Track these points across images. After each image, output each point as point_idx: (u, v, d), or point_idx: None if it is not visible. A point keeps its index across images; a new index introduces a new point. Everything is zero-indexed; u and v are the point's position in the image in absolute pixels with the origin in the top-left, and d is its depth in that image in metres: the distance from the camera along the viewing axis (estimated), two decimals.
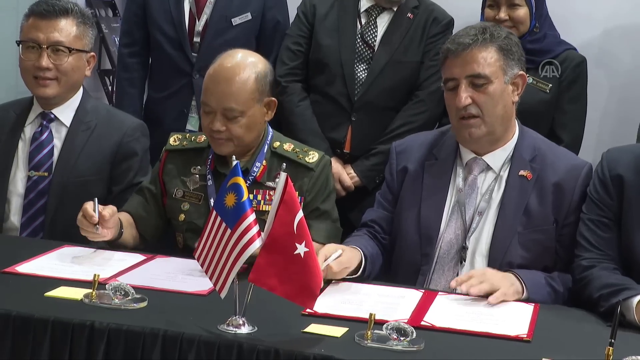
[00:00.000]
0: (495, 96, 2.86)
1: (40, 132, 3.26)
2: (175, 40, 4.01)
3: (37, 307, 2.38)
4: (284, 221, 2.27)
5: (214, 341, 2.27)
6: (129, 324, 2.32)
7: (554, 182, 2.90)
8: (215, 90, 2.99)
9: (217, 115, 2.98)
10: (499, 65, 2.87)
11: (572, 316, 2.68)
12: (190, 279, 2.69)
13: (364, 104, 3.85)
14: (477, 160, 2.95)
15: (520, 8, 3.63)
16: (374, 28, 3.89)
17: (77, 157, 3.25)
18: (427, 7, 3.92)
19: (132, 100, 4.06)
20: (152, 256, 2.93)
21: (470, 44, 2.86)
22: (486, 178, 2.95)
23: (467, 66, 2.86)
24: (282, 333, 2.33)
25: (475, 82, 2.85)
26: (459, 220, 2.93)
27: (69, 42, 3.22)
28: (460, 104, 2.84)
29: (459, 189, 2.94)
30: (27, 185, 3.23)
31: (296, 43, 3.94)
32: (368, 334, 2.30)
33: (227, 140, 3.00)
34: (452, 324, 2.46)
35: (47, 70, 3.19)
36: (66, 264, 2.79)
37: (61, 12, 3.22)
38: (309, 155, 3.10)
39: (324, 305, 2.50)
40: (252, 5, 4.02)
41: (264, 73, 3.03)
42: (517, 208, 2.89)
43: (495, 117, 2.88)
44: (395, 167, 3.07)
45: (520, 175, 2.91)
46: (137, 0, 4.09)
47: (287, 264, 2.28)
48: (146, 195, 3.17)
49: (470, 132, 2.88)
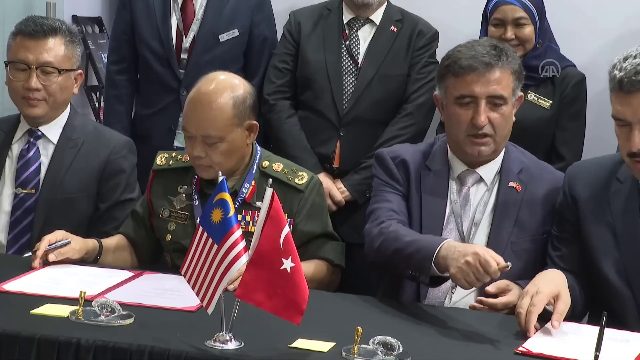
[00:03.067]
0: (507, 117, 2.88)
1: (27, 150, 3.25)
2: (162, 57, 4.01)
3: (23, 325, 2.37)
4: (270, 236, 2.26)
5: (200, 357, 2.26)
6: (115, 340, 2.30)
7: (542, 194, 2.92)
8: (194, 117, 2.97)
9: (197, 141, 2.96)
10: (512, 87, 2.87)
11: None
12: (179, 295, 2.67)
13: (352, 118, 3.87)
14: (470, 172, 2.95)
15: (527, 26, 3.64)
16: (357, 41, 3.91)
17: (64, 175, 3.24)
18: (411, 20, 3.94)
19: (120, 117, 4.06)
20: (140, 273, 2.91)
21: (494, 65, 2.83)
22: (478, 190, 2.95)
23: (490, 86, 2.83)
24: (269, 348, 2.32)
25: (495, 102, 2.84)
26: (454, 232, 2.92)
27: (58, 62, 3.19)
28: (481, 124, 2.82)
29: (453, 201, 2.94)
30: (14, 202, 3.21)
31: (283, 61, 3.96)
32: (355, 348, 2.29)
33: (207, 166, 2.98)
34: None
35: (36, 91, 3.16)
36: (53, 281, 2.76)
37: (49, 32, 3.19)
38: (299, 176, 3.08)
39: (543, 344, 2.40)
40: (240, 22, 4.03)
41: (242, 98, 2.99)
42: (509, 219, 2.89)
43: (504, 137, 2.91)
44: (394, 165, 3.00)
45: (510, 186, 2.92)
46: (125, 17, 4.09)
47: (273, 279, 2.27)
48: (137, 218, 3.18)
49: (480, 150, 2.88)
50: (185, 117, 3.02)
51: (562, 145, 3.73)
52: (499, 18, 3.65)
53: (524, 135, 3.53)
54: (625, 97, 2.53)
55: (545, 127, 3.68)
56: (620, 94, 2.55)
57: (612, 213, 2.71)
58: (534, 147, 3.34)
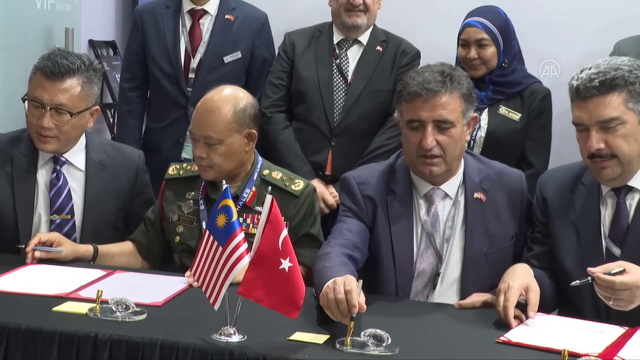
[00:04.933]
0: (457, 138, 2.77)
1: (56, 178, 3.09)
2: (172, 76, 4.00)
3: (45, 321, 2.35)
4: (270, 239, 2.26)
5: (207, 349, 2.25)
6: (129, 335, 2.29)
7: (504, 199, 2.85)
8: (198, 120, 3.00)
9: (200, 143, 2.98)
10: (461, 110, 2.77)
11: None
12: (147, 291, 2.63)
13: (343, 129, 3.85)
14: (436, 190, 2.85)
15: (488, 47, 3.61)
16: (346, 60, 3.90)
17: (102, 199, 3.14)
18: (395, 40, 3.94)
19: (132, 131, 4.04)
20: (112, 271, 2.86)
21: (439, 91, 2.73)
22: (445, 206, 2.85)
23: (435, 111, 2.73)
24: (269, 341, 2.30)
25: (441, 126, 2.75)
26: (430, 250, 2.82)
27: (72, 105, 2.98)
28: (427, 147, 2.74)
29: (423, 220, 2.84)
30: (51, 229, 3.07)
31: (278, 78, 3.94)
32: (347, 340, 2.27)
33: (208, 167, 2.99)
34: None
35: (48, 129, 3.00)
36: (33, 280, 2.70)
37: (67, 73, 2.98)
38: (295, 183, 3.07)
39: (521, 334, 2.38)
40: (242, 45, 4.02)
41: (243, 107, 3.00)
42: (480, 231, 2.81)
43: (455, 157, 2.80)
44: (360, 197, 2.88)
45: (475, 198, 2.83)
46: (137, 39, 4.07)
47: (273, 278, 2.26)
48: (147, 224, 3.16)
49: (431, 170, 2.78)
50: (192, 121, 3.04)
51: (532, 154, 3.69)
52: (464, 39, 3.64)
53: (497, 146, 3.53)
54: (582, 103, 2.55)
55: (516, 138, 3.65)
56: (577, 101, 2.57)
57: (576, 213, 2.70)
58: (507, 155, 3.34)
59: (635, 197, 2.62)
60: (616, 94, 2.51)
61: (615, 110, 2.52)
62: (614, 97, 2.51)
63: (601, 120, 2.52)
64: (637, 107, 2.53)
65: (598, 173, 2.61)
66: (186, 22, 4.02)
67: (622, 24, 4.02)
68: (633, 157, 2.57)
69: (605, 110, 2.52)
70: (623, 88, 2.52)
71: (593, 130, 2.54)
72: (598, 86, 2.51)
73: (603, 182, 2.64)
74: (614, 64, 2.55)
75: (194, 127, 3.01)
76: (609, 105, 2.52)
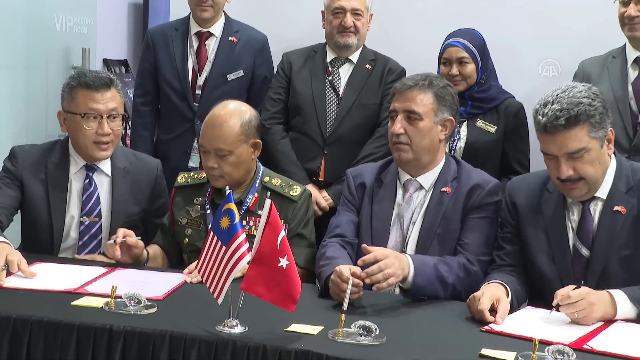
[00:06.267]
0: (424, 131, 2.89)
1: (89, 184, 3.10)
2: (180, 92, 3.99)
3: (65, 315, 2.35)
4: (269, 239, 2.27)
5: (212, 340, 2.25)
6: (142, 327, 2.29)
7: (466, 190, 2.91)
8: (208, 134, 3.00)
9: (211, 155, 2.99)
10: (432, 108, 2.90)
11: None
12: (147, 286, 2.63)
13: (335, 139, 3.85)
14: (412, 180, 2.96)
15: (468, 65, 3.61)
16: (338, 77, 3.90)
17: (125, 201, 3.14)
18: (383, 59, 3.94)
19: (145, 141, 4.04)
20: (113, 268, 2.86)
21: (412, 86, 2.91)
22: (419, 195, 2.95)
23: (406, 103, 2.90)
24: (268, 332, 2.30)
25: (410, 117, 2.89)
26: (398, 230, 2.92)
27: (120, 109, 3.07)
28: (393, 132, 2.90)
29: (399, 204, 2.94)
30: (81, 229, 3.08)
31: (277, 93, 3.95)
32: (339, 331, 2.27)
33: (219, 176, 3.00)
34: (613, 349, 2.24)
35: (107, 136, 3.03)
36: (41, 277, 2.69)
37: (109, 83, 3.04)
38: (293, 189, 3.08)
39: (504, 324, 2.42)
40: (244, 64, 4.02)
41: (248, 119, 3.02)
42: (437, 215, 2.88)
43: (421, 147, 2.90)
44: (354, 186, 3.03)
45: (442, 190, 2.91)
46: (149, 59, 4.07)
47: (272, 275, 2.26)
48: (164, 230, 3.16)
49: (400, 155, 2.92)
50: (201, 135, 3.04)
51: (516, 163, 3.67)
52: (446, 58, 3.64)
53: (475, 155, 3.53)
54: (550, 137, 2.58)
55: (492, 148, 3.64)
56: (545, 135, 2.60)
57: (544, 217, 2.73)
58: (484, 164, 3.33)
59: (598, 203, 2.67)
60: (579, 127, 2.55)
61: (580, 142, 2.55)
62: (578, 130, 2.55)
63: (569, 152, 2.56)
64: (598, 135, 2.58)
65: (568, 193, 2.66)
66: (193, 43, 4.02)
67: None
68: (598, 177, 2.63)
69: (573, 143, 2.55)
70: (585, 121, 2.55)
71: (562, 160, 2.58)
72: (564, 123, 2.54)
73: (573, 199, 2.68)
74: (575, 97, 2.57)
75: (204, 140, 3.00)
76: (574, 138, 2.55)
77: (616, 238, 2.62)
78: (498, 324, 2.43)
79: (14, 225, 3.13)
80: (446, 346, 2.29)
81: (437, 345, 2.29)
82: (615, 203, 2.63)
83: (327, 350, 2.18)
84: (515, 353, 2.19)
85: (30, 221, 3.09)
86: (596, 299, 2.45)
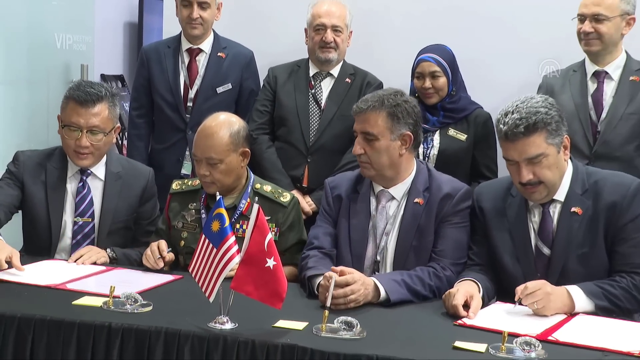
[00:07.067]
0: (381, 150, 2.85)
1: (82, 187, 3.12)
2: (173, 104, 4.00)
3: (66, 313, 2.36)
4: (257, 241, 2.27)
5: (204, 335, 2.25)
6: (138, 324, 2.30)
7: (437, 201, 2.87)
8: (200, 144, 3.01)
9: (203, 163, 3.00)
10: (386, 127, 2.84)
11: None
12: (129, 284, 2.64)
13: (317, 148, 3.85)
14: (384, 192, 2.92)
15: (440, 78, 3.63)
16: (320, 90, 3.92)
17: (116, 204, 3.15)
18: (362, 73, 3.96)
19: (140, 151, 4.04)
20: (111, 268, 2.90)
21: (365, 109, 2.85)
22: (391, 206, 2.91)
23: (362, 124, 2.86)
24: (257, 328, 2.31)
25: (366, 138, 2.86)
26: (372, 241, 2.89)
27: (104, 125, 3.04)
28: (355, 152, 2.88)
29: (372, 215, 2.90)
30: (74, 229, 3.10)
31: (263, 105, 3.95)
32: (323, 326, 2.28)
33: (211, 183, 3.01)
34: (576, 340, 2.28)
35: (85, 148, 3.04)
36: (42, 273, 2.74)
37: (96, 100, 3.02)
38: (283, 195, 3.10)
39: (476, 319, 2.45)
40: (232, 78, 4.02)
41: (237, 130, 3.03)
42: (412, 227, 2.85)
43: (381, 165, 2.87)
44: (331, 197, 3.00)
45: (415, 202, 2.87)
46: (144, 74, 4.07)
47: (260, 275, 2.27)
48: (161, 234, 3.16)
49: (363, 172, 2.91)
50: (194, 145, 3.05)
51: (485, 169, 3.69)
52: (419, 72, 3.65)
53: (447, 161, 3.56)
54: (511, 144, 2.63)
55: (463, 155, 3.67)
56: (506, 142, 2.64)
57: (508, 219, 2.76)
58: (455, 170, 3.34)
59: (557, 206, 2.71)
60: (537, 134, 2.60)
61: (539, 148, 2.60)
62: (537, 137, 2.60)
63: (528, 157, 2.61)
64: (554, 141, 2.63)
65: (529, 196, 2.70)
66: (185, 59, 4.03)
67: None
68: (556, 181, 2.68)
69: (531, 149, 2.60)
70: (543, 129, 2.60)
71: (522, 165, 2.62)
72: (523, 131, 2.59)
73: (534, 202, 2.72)
74: (533, 107, 2.62)
75: (196, 150, 3.02)
76: (533, 145, 2.60)
77: (574, 237, 2.67)
78: (470, 319, 2.45)
79: (15, 227, 3.15)
80: (422, 339, 2.31)
81: (414, 339, 2.31)
82: (572, 205, 2.68)
83: (311, 344, 2.19)
84: (486, 345, 2.22)
85: (30, 221, 3.11)
86: (552, 290, 2.51)
